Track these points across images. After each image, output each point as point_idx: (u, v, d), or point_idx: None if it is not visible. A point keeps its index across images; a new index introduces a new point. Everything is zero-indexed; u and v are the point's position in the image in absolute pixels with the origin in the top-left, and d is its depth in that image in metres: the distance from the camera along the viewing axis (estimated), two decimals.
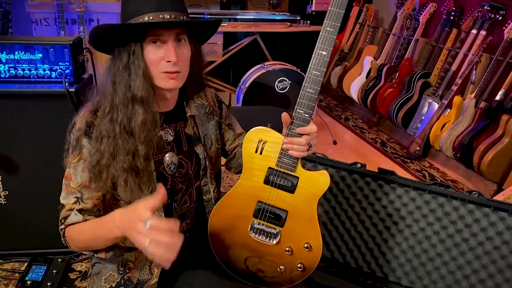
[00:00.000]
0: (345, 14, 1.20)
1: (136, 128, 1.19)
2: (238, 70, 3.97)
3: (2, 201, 1.94)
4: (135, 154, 1.20)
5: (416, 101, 3.56)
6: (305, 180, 1.27)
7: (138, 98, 1.18)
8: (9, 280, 1.92)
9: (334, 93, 5.08)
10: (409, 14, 4.07)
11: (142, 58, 1.16)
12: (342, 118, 4.43)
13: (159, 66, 1.18)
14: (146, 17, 1.13)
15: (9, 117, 1.83)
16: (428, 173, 3.23)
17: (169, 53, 1.16)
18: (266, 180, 1.29)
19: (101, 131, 1.19)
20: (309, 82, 1.22)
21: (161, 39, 1.16)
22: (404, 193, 1.72)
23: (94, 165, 1.19)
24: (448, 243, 1.66)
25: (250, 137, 1.29)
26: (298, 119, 1.23)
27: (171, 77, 1.20)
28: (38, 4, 3.51)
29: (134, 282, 1.30)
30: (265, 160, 1.29)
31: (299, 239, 1.31)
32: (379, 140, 3.87)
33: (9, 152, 1.87)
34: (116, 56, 1.19)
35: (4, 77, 1.83)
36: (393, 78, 3.96)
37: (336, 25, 1.19)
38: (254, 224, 1.32)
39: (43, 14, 3.53)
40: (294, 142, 1.24)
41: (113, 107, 1.19)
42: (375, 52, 4.39)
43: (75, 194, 1.22)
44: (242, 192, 1.32)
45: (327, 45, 1.20)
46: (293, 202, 1.29)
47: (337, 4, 1.18)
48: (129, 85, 1.17)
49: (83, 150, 1.20)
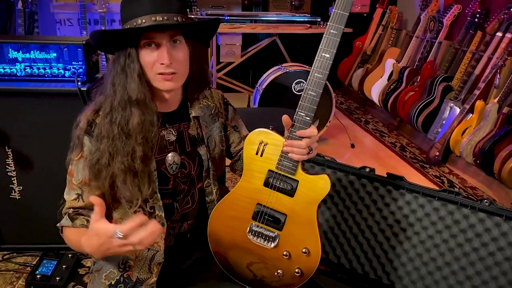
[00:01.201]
0: (368, 16, 1.18)
1: (133, 130, 1.20)
2: (257, 71, 3.96)
3: (16, 196, 1.99)
4: (133, 155, 1.21)
5: (437, 105, 3.47)
6: (305, 184, 1.25)
7: (134, 100, 1.19)
8: (20, 273, 1.97)
9: (355, 96, 5.02)
10: (433, 16, 3.97)
11: (138, 61, 1.18)
12: (362, 121, 4.37)
13: (154, 68, 1.19)
14: (139, 20, 1.14)
15: (24, 114, 1.88)
16: (447, 179, 3.14)
17: (162, 56, 1.17)
18: (266, 182, 1.28)
19: (102, 131, 1.20)
20: (312, 84, 1.21)
21: (155, 42, 1.17)
22: (413, 199, 1.68)
23: (93, 164, 1.21)
24: (457, 252, 1.60)
25: (251, 139, 1.28)
26: (299, 122, 1.22)
27: (167, 78, 1.20)
28: (62, 5, 3.60)
29: (134, 280, 1.31)
30: (266, 162, 1.27)
31: (297, 243, 1.29)
32: (398, 145, 3.79)
33: (24, 148, 1.93)
34: (115, 58, 1.21)
35: (20, 76, 1.89)
36: (415, 81, 3.88)
37: (340, 28, 1.17)
38: (253, 226, 1.31)
39: (67, 14, 3.62)
40: (294, 145, 1.22)
41: (112, 109, 1.20)
42: (397, 55, 4.31)
43: (76, 191, 1.25)
44: (242, 194, 1.31)
45: (330, 47, 1.18)
46: (292, 205, 1.27)
47: (342, 6, 1.16)
48: (125, 87, 1.19)
49: (84, 148, 1.22)
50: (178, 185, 1.35)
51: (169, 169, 1.32)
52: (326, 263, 1.89)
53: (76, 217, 1.24)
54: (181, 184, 1.35)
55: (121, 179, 1.20)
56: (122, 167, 1.20)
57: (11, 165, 1.94)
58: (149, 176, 1.25)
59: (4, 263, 2.03)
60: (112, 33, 1.19)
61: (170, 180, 1.33)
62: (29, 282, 1.85)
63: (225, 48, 3.64)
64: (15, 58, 1.86)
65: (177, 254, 1.40)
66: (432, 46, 3.90)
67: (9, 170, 1.95)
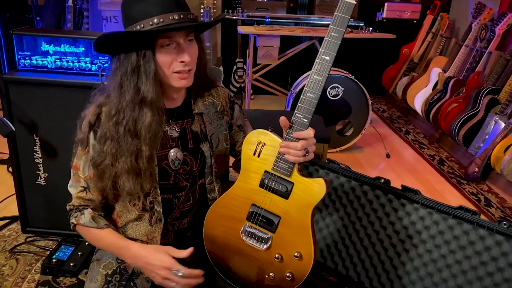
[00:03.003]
0: (418, 22, 1.14)
1: (143, 130, 1.20)
2: (297, 74, 3.93)
3: (42, 182, 2.09)
4: (138, 155, 1.22)
5: (481, 119, 3.27)
6: (300, 187, 1.22)
7: (148, 100, 1.19)
8: (39, 256, 2.07)
9: (398, 104, 4.85)
10: (485, 25, 3.76)
11: (154, 60, 1.17)
12: (402, 131, 4.21)
13: (171, 67, 1.19)
14: (155, 19, 1.13)
15: (52, 105, 1.97)
16: (484, 197, 2.95)
17: (183, 54, 1.18)
18: (262, 183, 1.26)
19: (106, 132, 1.21)
20: (310, 87, 1.18)
21: (172, 41, 1.17)
22: (427, 215, 1.59)
23: (97, 165, 1.23)
24: (470, 275, 1.49)
25: (249, 139, 1.27)
26: (297, 124, 1.19)
27: (183, 77, 1.21)
28: (109, 2, 3.75)
29: (129, 272, 1.33)
30: (262, 163, 1.26)
31: (289, 247, 1.26)
32: (437, 158, 3.61)
33: (50, 137, 2.02)
34: (122, 59, 1.18)
35: (51, 68, 1.98)
36: (460, 92, 3.69)
37: (341, 31, 1.14)
38: (246, 227, 1.30)
39: (113, 12, 3.77)
40: (290, 146, 1.20)
41: (119, 110, 1.20)
42: (444, 64, 4.11)
43: (81, 184, 1.29)
44: (238, 194, 1.30)
45: (331, 50, 1.15)
46: (286, 208, 1.25)
47: (343, 9, 1.13)
48: (138, 87, 1.18)
49: (90, 145, 1.25)
50: (179, 182, 1.36)
51: (172, 165, 1.33)
52: (334, 274, 1.83)
53: (98, 218, 1.30)
54: (182, 180, 1.36)
55: (124, 178, 1.23)
56: (125, 167, 1.21)
57: (38, 153, 2.04)
58: (151, 172, 1.27)
59: (27, 245, 2.14)
60: (134, 34, 1.15)
61: (171, 176, 1.34)
62: (45, 265, 1.93)
63: (263, 50, 3.64)
64: (47, 51, 1.96)
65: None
66: (481, 56, 3.69)
67: (36, 157, 2.05)
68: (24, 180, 2.09)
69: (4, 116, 1.90)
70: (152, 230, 1.34)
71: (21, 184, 2.09)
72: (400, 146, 3.88)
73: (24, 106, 1.96)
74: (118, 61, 1.20)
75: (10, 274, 1.95)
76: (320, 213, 1.85)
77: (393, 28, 4.64)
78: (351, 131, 3.55)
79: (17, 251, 2.10)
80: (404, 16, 4.75)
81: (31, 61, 1.97)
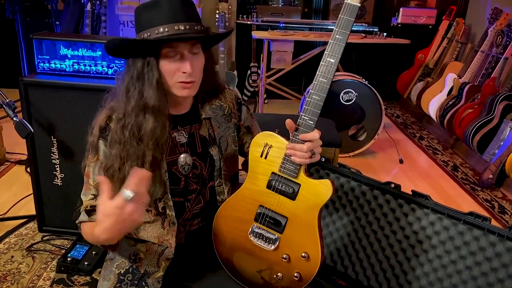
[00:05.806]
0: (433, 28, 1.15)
1: (145, 136, 1.22)
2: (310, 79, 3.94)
3: (58, 183, 2.14)
4: (144, 159, 1.24)
5: (496, 125, 3.24)
6: (307, 188, 1.24)
7: (150, 107, 1.21)
8: (55, 255, 2.12)
9: (413, 110, 4.82)
10: (501, 30, 3.73)
11: (157, 69, 1.19)
12: (416, 137, 4.18)
13: (174, 77, 1.21)
14: (161, 29, 1.15)
15: (69, 107, 2.01)
16: (498, 204, 2.91)
17: (185, 65, 1.19)
18: (269, 185, 1.28)
19: (114, 137, 1.24)
20: (316, 89, 1.20)
21: (176, 51, 1.19)
22: (438, 220, 1.59)
23: (107, 169, 1.24)
24: (480, 281, 1.49)
25: (256, 141, 1.30)
26: (303, 126, 1.22)
27: (186, 86, 1.23)
28: (126, 7, 3.83)
29: (142, 272, 1.35)
30: (269, 164, 1.28)
31: (297, 247, 1.28)
32: (451, 164, 3.58)
33: (67, 139, 2.07)
34: (130, 64, 1.22)
35: (69, 71, 2.03)
36: (475, 98, 3.65)
37: (346, 33, 1.16)
38: (254, 228, 1.32)
39: (130, 16, 3.84)
40: (296, 148, 1.22)
41: (125, 114, 1.22)
42: (459, 69, 4.08)
43: (92, 191, 1.30)
44: (246, 195, 1.33)
45: (335, 52, 1.18)
46: (293, 209, 1.27)
47: (347, 12, 1.14)
48: (142, 93, 1.20)
49: (99, 152, 1.27)
50: (190, 185, 1.37)
51: (181, 170, 1.34)
52: (344, 278, 1.83)
53: (93, 213, 1.28)
54: (193, 184, 1.38)
55: None
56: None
57: (55, 153, 2.09)
58: (160, 177, 1.28)
59: (43, 244, 2.20)
60: (137, 43, 1.18)
61: (181, 180, 1.35)
62: (60, 264, 1.98)
63: (276, 54, 3.67)
64: (65, 55, 2.01)
65: (186, 252, 1.43)
66: (497, 62, 3.66)
67: (54, 158, 2.10)
68: (41, 180, 2.14)
69: (23, 118, 1.95)
70: (164, 233, 1.35)
71: (39, 184, 2.15)
72: (414, 151, 3.85)
73: (42, 108, 2.01)
74: (127, 65, 1.23)
75: (26, 272, 2.00)
76: (331, 217, 1.86)
77: (409, 33, 4.63)
78: (364, 136, 3.55)
79: (33, 249, 2.15)
80: (419, 21, 4.73)
81: (50, 64, 2.03)
